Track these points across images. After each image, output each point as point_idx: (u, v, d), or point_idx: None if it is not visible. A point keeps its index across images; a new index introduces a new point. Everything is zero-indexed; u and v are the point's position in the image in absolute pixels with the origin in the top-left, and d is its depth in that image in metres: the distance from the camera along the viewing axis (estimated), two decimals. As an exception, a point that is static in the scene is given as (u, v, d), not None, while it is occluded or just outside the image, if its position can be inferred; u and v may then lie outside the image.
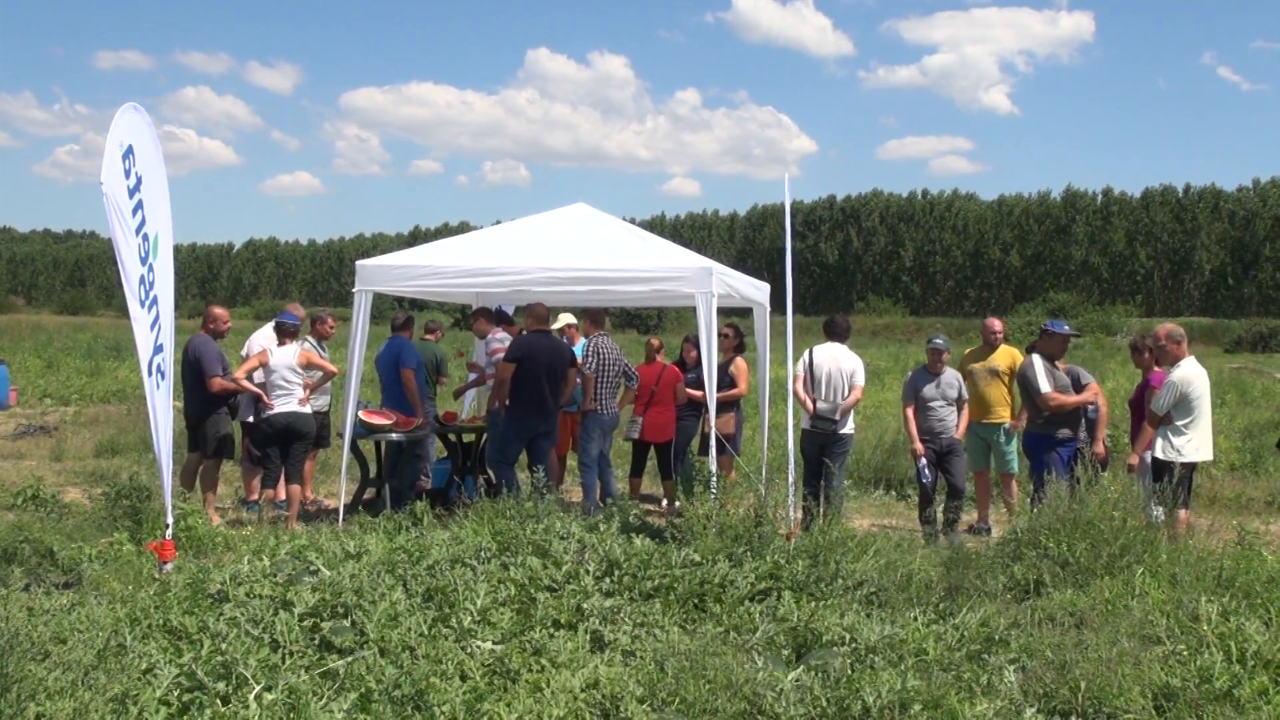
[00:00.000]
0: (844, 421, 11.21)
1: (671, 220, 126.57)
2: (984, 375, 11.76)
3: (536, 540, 8.09)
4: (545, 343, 11.43)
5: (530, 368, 11.17)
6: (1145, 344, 10.71)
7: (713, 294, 10.57)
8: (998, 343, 11.98)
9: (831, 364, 11.27)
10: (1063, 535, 8.08)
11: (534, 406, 11.20)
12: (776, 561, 7.82)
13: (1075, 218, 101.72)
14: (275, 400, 11.22)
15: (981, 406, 11.70)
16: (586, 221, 12.12)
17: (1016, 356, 11.82)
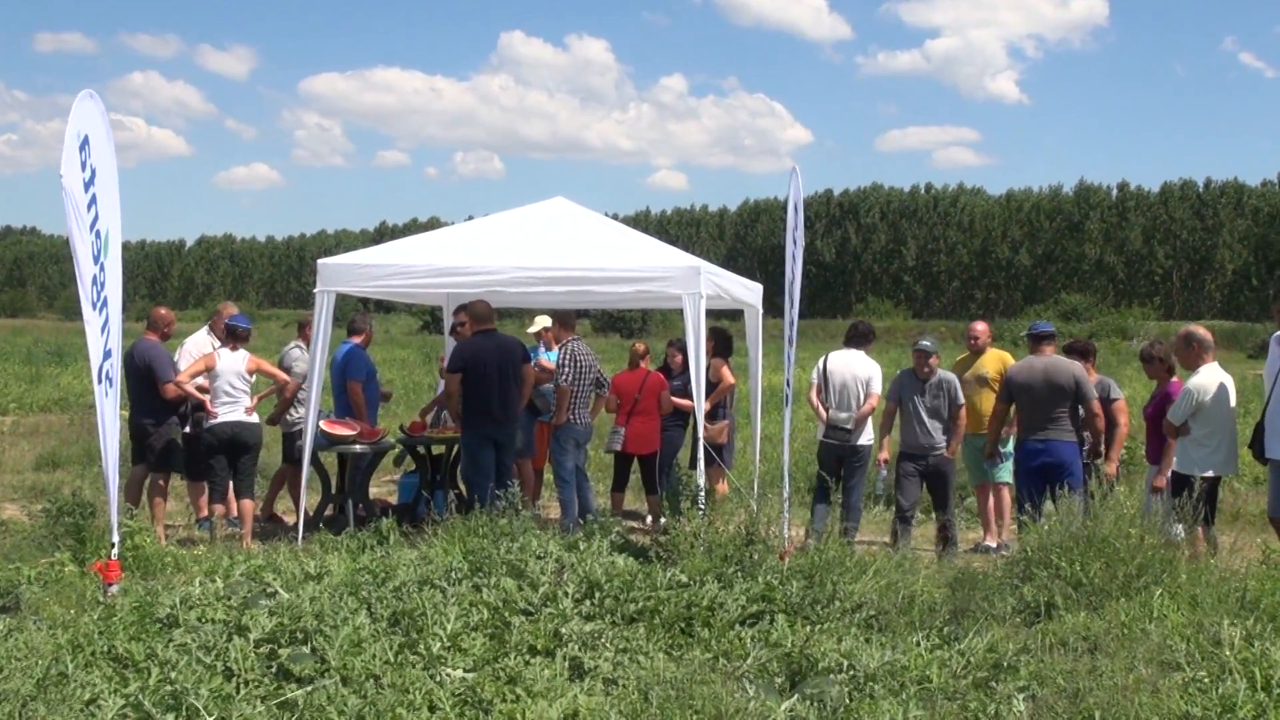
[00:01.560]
0: (860, 432, 11.28)
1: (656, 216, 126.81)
2: (973, 384, 11.77)
3: (511, 560, 8.07)
4: (491, 344, 11.29)
5: (478, 374, 11.10)
6: (1157, 352, 10.75)
7: (700, 295, 10.56)
8: (982, 348, 11.99)
9: (846, 371, 11.38)
10: (1075, 554, 8.09)
11: (487, 414, 11.13)
12: (769, 583, 7.81)
13: (1089, 214, 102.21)
14: (220, 408, 11.15)
15: (973, 417, 11.70)
16: (565, 217, 12.12)
17: (1007, 361, 11.85)
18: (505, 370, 11.19)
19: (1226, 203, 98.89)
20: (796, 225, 10.65)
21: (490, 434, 11.10)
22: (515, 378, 11.30)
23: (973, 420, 11.71)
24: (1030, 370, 10.62)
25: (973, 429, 11.70)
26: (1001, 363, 11.82)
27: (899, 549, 10.11)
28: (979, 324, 12.23)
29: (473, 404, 11.14)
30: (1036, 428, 10.49)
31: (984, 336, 12.03)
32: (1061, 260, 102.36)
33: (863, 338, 11.79)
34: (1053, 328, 11.28)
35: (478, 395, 11.11)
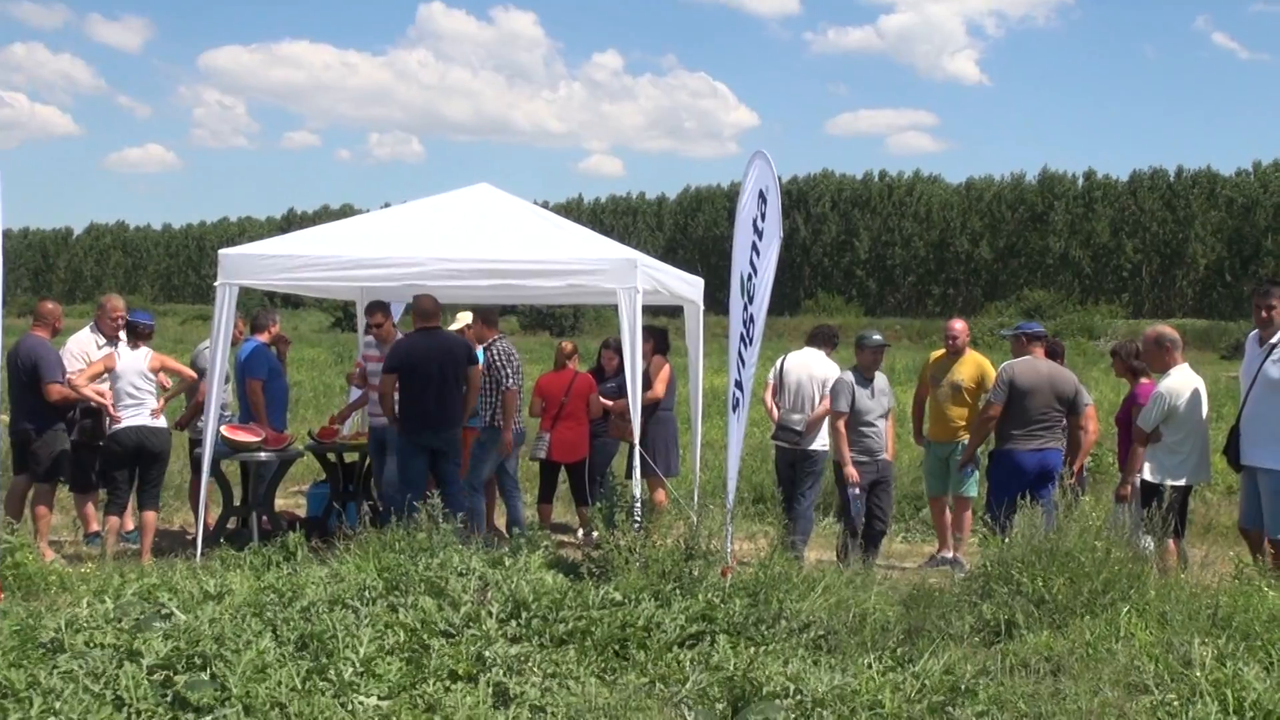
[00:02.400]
0: (812, 436, 11.34)
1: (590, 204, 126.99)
2: (946, 389, 11.88)
3: (430, 577, 8.04)
4: (432, 343, 11.30)
5: (415, 375, 11.09)
6: (1129, 351, 10.89)
7: (637, 290, 10.57)
8: (962, 348, 12.05)
9: (802, 371, 11.48)
10: (1038, 569, 8.17)
11: (424, 420, 11.12)
12: (710, 601, 7.83)
13: (1053, 204, 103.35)
14: (123, 412, 11.03)
15: (942, 424, 11.84)
16: (490, 205, 12.08)
17: (985, 367, 11.93)
18: (446, 372, 11.18)
19: (1199, 193, 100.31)
20: (764, 214, 10.62)
21: (425, 441, 11.08)
22: (457, 380, 11.29)
23: (939, 427, 11.79)
24: (1036, 373, 10.68)
25: (939, 436, 11.78)
26: (979, 369, 11.88)
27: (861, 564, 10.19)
28: (958, 322, 12.28)
29: (408, 407, 11.12)
30: (1032, 435, 10.57)
31: (964, 336, 12.08)
32: (1024, 254, 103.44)
33: (825, 339, 11.90)
34: (1043, 329, 11.38)
35: (414, 398, 11.09)
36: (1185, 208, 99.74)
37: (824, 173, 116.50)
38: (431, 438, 11.10)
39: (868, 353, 11.28)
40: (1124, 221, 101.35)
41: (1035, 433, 10.51)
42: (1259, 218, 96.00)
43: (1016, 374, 10.64)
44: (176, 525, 13.02)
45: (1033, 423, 10.51)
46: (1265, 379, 9.47)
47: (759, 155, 10.66)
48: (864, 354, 11.30)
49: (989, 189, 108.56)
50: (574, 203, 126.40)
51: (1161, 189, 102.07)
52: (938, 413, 11.88)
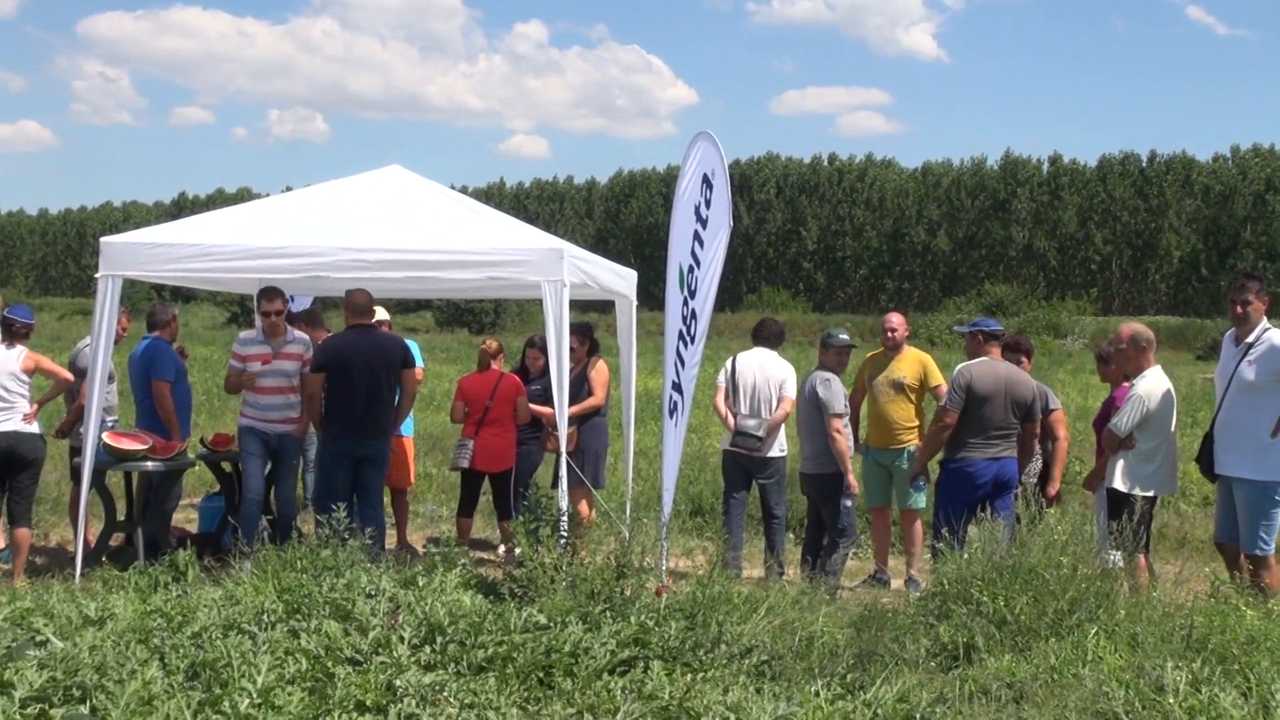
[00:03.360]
0: (771, 441, 11.47)
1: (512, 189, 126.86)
2: (886, 388, 11.93)
3: (336, 599, 8.00)
4: (365, 341, 11.31)
5: (345, 376, 11.08)
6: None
7: (564, 283, 10.57)
8: (899, 344, 12.10)
9: (757, 373, 11.60)
10: (999, 587, 8.24)
11: (351, 425, 11.10)
12: (643, 623, 7.83)
13: (1016, 191, 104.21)
14: (-9, 417, 10.92)
15: (882, 428, 11.88)
16: (402, 189, 12.05)
17: (927, 364, 12.03)
18: (379, 374, 11.19)
19: (1173, 180, 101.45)
20: (709, 200, 10.61)
21: (349, 450, 11.06)
22: (390, 384, 11.31)
23: (880, 432, 11.83)
24: (994, 377, 10.69)
25: (880, 442, 11.83)
26: (920, 365, 11.98)
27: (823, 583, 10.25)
28: (895, 316, 12.33)
29: (335, 412, 11.12)
30: (989, 443, 10.61)
31: (901, 330, 12.13)
32: (985, 245, 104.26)
33: (775, 338, 11.98)
34: (1002, 327, 11.44)
35: (341, 402, 11.08)
36: (1158, 196, 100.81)
37: (768, 156, 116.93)
38: (357, 446, 11.07)
39: (833, 353, 11.39)
40: (1092, 210, 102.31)
41: (992, 441, 10.56)
42: (1237, 207, 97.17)
43: (974, 378, 10.65)
44: (54, 542, 12.89)
45: (989, 430, 10.57)
46: (1240, 381, 9.60)
47: (703, 136, 10.69)
48: (829, 354, 11.39)
49: (947, 174, 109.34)
50: (495, 187, 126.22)
51: (1133, 175, 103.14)
52: (878, 416, 11.90)
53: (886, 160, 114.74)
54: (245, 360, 11.56)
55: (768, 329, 12.10)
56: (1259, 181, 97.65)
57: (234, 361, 11.57)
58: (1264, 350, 9.48)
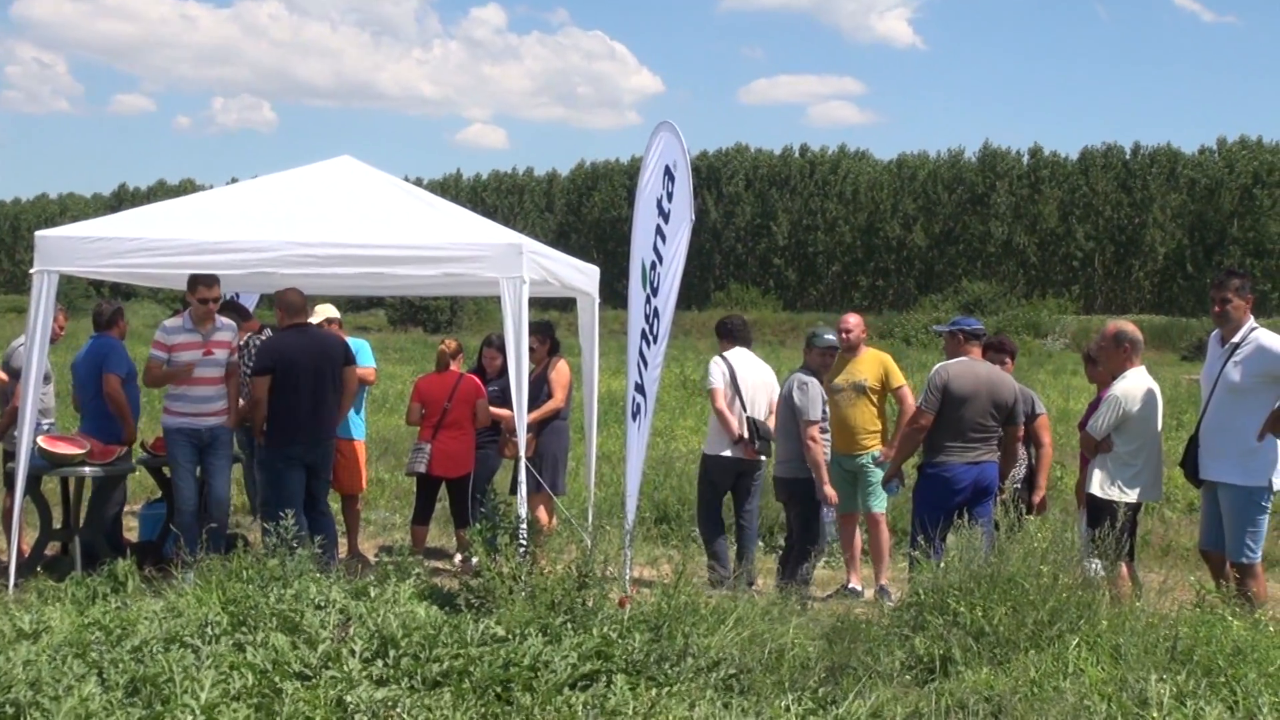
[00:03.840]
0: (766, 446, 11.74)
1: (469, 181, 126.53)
2: (847, 392, 11.94)
3: (284, 611, 7.99)
4: (306, 342, 11.35)
5: (290, 378, 11.10)
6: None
7: (523, 280, 10.57)
8: (856, 345, 12.11)
9: (756, 375, 11.86)
10: (977, 597, 8.27)
11: (297, 429, 11.13)
12: (606, 636, 7.84)
13: (995, 185, 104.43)
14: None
15: (845, 433, 11.88)
16: (354, 181, 12.03)
17: (887, 364, 12.08)
18: (324, 374, 11.26)
19: (1157, 173, 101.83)
20: (671, 193, 10.62)
21: (301, 454, 11.09)
22: (335, 384, 11.38)
23: (843, 437, 11.84)
24: (974, 377, 10.69)
25: (844, 447, 11.84)
26: (881, 366, 12.01)
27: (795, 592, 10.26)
28: (852, 316, 12.37)
29: (281, 415, 11.13)
30: (967, 446, 10.61)
31: (856, 331, 12.14)
32: (963, 240, 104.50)
33: (749, 337, 12.21)
34: (983, 326, 11.46)
35: (288, 405, 11.11)
36: (1142, 189, 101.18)
37: (737, 147, 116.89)
38: (305, 451, 11.09)
39: (816, 353, 11.43)
40: (1074, 205, 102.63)
41: (971, 444, 10.58)
42: (1224, 201, 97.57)
43: (951, 378, 10.66)
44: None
45: (968, 433, 10.58)
46: (1226, 383, 9.65)
47: (664, 126, 10.70)
48: (813, 354, 11.43)
49: (923, 167, 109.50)
50: (451, 179, 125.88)
51: (1116, 168, 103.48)
52: (839, 421, 11.88)
53: (860, 152, 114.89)
54: (171, 350, 11.38)
55: (744, 330, 12.21)
56: (1246, 175, 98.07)
57: (157, 352, 11.33)
58: (1250, 351, 9.53)
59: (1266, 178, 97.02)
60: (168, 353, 11.36)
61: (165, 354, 11.36)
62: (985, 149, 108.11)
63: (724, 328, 12.27)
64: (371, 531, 14.44)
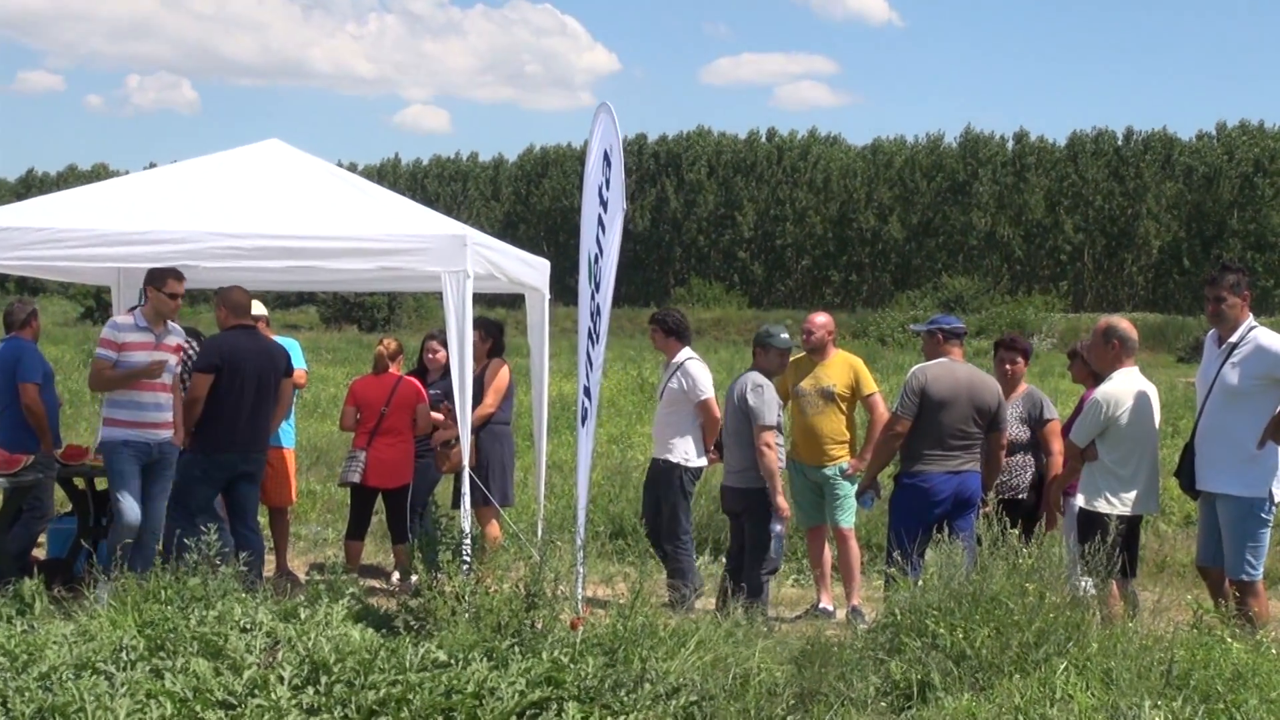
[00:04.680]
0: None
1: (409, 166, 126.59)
2: (813, 398, 11.96)
3: (206, 634, 7.95)
4: (252, 345, 11.38)
5: (235, 379, 11.13)
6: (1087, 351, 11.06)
7: (467, 274, 10.56)
8: (820, 346, 12.11)
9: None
10: (957, 617, 8.29)
11: (235, 435, 11.14)
12: (557, 660, 7.83)
13: (978, 173, 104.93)
14: None
15: (811, 443, 11.90)
16: (283, 167, 12.00)
17: (857, 368, 12.08)
18: (266, 382, 11.33)
19: (1152, 160, 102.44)
20: (609, 180, 10.67)
21: (232, 464, 11.14)
22: (276, 392, 11.45)
23: (809, 447, 11.83)
24: (953, 380, 10.69)
25: (810, 458, 11.83)
26: (850, 370, 12.00)
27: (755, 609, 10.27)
28: (819, 315, 12.35)
29: (217, 420, 11.12)
30: (947, 455, 10.62)
31: (821, 332, 12.11)
32: (943, 232, 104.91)
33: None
34: (964, 325, 11.47)
35: (226, 409, 11.11)
36: (1136, 178, 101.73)
37: (699, 131, 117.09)
38: (238, 460, 11.11)
39: (773, 354, 11.37)
40: (1062, 194, 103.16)
41: (952, 452, 10.59)
42: (1223, 191, 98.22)
43: (929, 381, 10.66)
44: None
45: (948, 440, 10.60)
46: (1223, 386, 9.67)
47: (603, 109, 10.77)
48: (767, 356, 11.35)
49: (900, 153, 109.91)
50: (389, 164, 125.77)
51: (1107, 155, 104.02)
52: (805, 429, 11.93)
53: (832, 136, 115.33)
54: (121, 350, 11.14)
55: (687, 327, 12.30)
56: (1247, 162, 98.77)
57: (105, 352, 11.07)
58: (1248, 351, 9.56)
59: (1269, 165, 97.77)
60: (117, 353, 11.11)
61: (115, 354, 11.10)
62: (967, 134, 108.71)
63: (681, 326, 12.27)
64: (302, 548, 14.41)
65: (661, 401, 12.24)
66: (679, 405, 11.93)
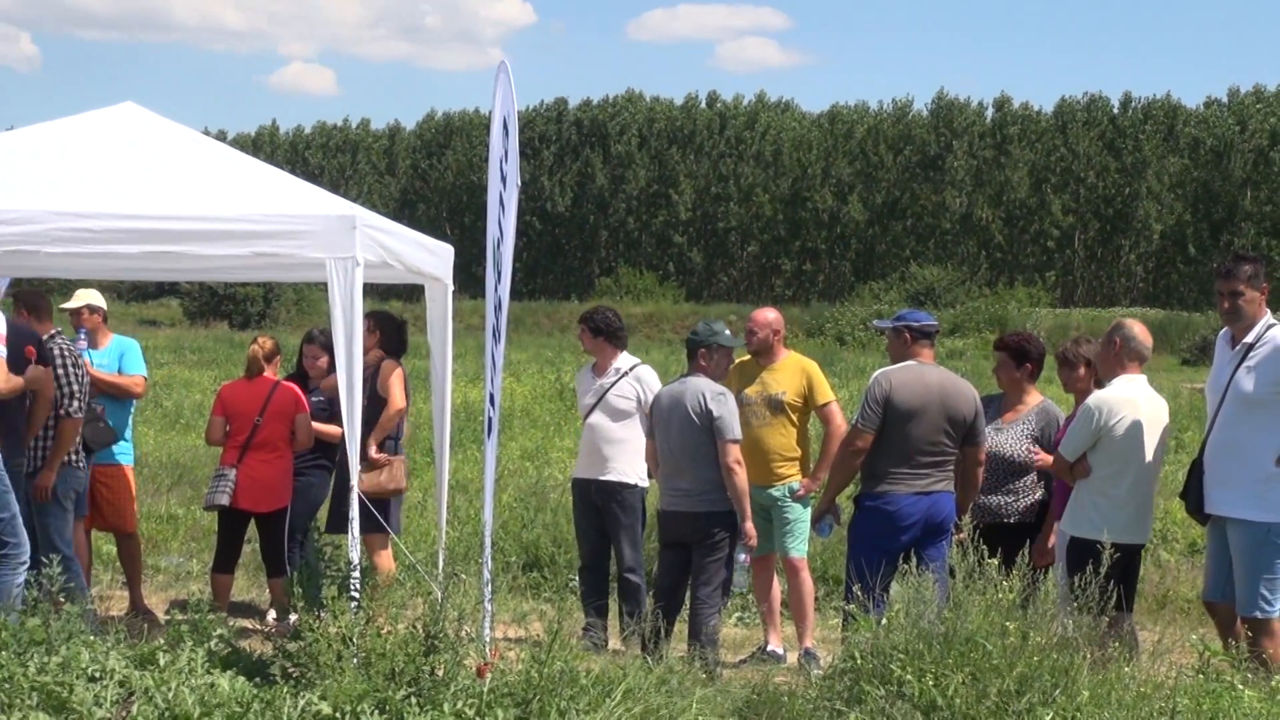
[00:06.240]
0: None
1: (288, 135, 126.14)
2: (760, 408, 11.98)
3: (46, 683, 7.91)
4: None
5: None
6: (1083, 354, 11.09)
7: (356, 261, 10.52)
8: (764, 348, 12.15)
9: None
10: (927, 662, 8.33)
11: (16, 445, 11.05)
12: (461, 713, 7.85)
13: (952, 145, 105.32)
14: None
15: (757, 459, 11.79)
16: (139, 135, 11.92)
17: (811, 373, 12.10)
18: None
19: (1152, 131, 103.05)
20: (508, 153, 10.69)
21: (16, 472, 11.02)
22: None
23: (755, 464, 11.78)
24: (923, 387, 10.69)
25: (754, 477, 11.76)
26: (803, 376, 12.00)
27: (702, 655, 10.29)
28: (768, 311, 12.35)
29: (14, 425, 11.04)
30: (916, 473, 10.64)
31: (766, 331, 12.13)
32: (911, 214, 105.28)
33: None
34: (936, 322, 11.48)
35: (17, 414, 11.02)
36: (1134, 152, 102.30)
37: (629, 95, 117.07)
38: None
39: (721, 356, 11.37)
40: (1049, 170, 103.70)
41: (921, 470, 10.63)
42: (1234, 167, 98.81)
43: (895, 388, 10.65)
44: None
45: (916, 456, 10.62)
46: (1237, 393, 9.70)
47: (501, 69, 10.79)
48: (712, 356, 11.30)
49: (862, 122, 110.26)
50: (265, 132, 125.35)
51: (1101, 125, 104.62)
52: (750, 443, 11.73)
53: (783, 102, 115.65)
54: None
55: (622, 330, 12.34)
56: (1262, 134, 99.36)
57: None
58: (1266, 353, 9.58)
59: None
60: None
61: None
62: (939, 100, 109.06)
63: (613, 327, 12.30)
64: (160, 582, 14.35)
65: (598, 413, 12.27)
66: (630, 419, 11.93)
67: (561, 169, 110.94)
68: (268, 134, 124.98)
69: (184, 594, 13.74)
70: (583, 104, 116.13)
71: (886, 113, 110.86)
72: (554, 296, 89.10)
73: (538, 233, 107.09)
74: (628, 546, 12.07)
